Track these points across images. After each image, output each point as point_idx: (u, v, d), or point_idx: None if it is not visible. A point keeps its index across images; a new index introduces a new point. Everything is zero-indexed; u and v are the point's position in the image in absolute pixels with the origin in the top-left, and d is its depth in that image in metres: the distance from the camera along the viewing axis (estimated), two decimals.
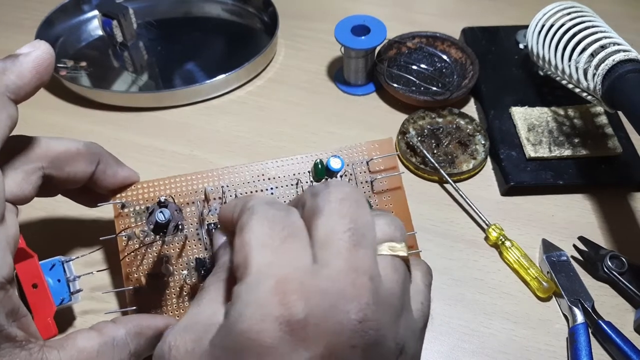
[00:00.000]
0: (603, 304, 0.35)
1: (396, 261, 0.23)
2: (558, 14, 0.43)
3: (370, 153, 0.36)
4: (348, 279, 0.21)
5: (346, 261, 0.21)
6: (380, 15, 0.48)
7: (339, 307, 0.20)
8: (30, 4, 0.58)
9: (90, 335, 0.26)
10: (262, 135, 0.46)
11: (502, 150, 0.42)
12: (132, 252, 0.34)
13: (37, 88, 0.26)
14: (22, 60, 0.26)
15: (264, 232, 0.22)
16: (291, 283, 0.21)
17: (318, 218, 0.22)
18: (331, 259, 0.21)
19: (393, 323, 0.22)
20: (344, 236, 0.22)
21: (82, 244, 0.37)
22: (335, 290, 0.21)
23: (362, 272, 0.21)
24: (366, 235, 0.22)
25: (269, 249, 0.22)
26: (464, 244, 0.39)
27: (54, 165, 0.29)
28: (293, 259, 0.22)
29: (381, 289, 0.22)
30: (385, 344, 0.21)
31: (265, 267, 0.21)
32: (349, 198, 0.23)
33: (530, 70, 0.48)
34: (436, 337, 0.34)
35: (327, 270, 0.21)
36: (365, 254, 0.22)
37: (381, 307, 0.21)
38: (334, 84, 0.50)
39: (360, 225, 0.22)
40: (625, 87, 0.35)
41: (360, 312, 0.20)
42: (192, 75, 0.51)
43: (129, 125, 0.46)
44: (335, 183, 0.24)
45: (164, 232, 0.29)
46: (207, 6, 0.58)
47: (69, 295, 0.31)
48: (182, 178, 0.35)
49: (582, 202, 0.41)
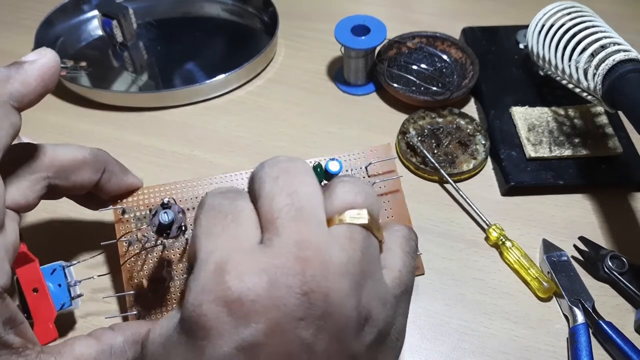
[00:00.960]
0: (603, 304, 0.35)
1: (354, 229, 0.22)
2: (558, 13, 0.43)
3: (369, 158, 0.36)
4: (289, 254, 0.21)
5: (287, 237, 0.21)
6: (380, 15, 0.48)
7: (280, 281, 0.20)
8: (30, 4, 0.58)
9: (88, 343, 0.26)
10: (262, 135, 0.46)
11: (503, 150, 0.42)
12: (132, 257, 0.34)
13: (42, 96, 0.26)
14: (27, 68, 0.25)
15: (209, 222, 0.23)
16: (228, 265, 0.21)
17: (258, 200, 0.23)
18: (272, 237, 0.22)
19: (351, 292, 0.21)
20: (281, 213, 0.22)
21: (83, 248, 0.37)
22: (275, 266, 0.21)
23: (304, 246, 0.21)
24: (305, 206, 0.22)
25: (212, 236, 0.22)
26: (464, 244, 0.39)
27: (60, 175, 0.29)
28: (234, 243, 0.22)
29: (333, 259, 0.21)
30: (342, 313, 0.21)
31: (207, 255, 0.22)
32: (282, 173, 0.23)
33: (530, 70, 0.48)
34: (436, 337, 0.34)
35: (268, 248, 0.21)
36: (307, 227, 0.21)
37: (332, 277, 0.21)
38: (334, 84, 0.50)
39: (297, 199, 0.22)
40: (625, 87, 0.35)
41: (305, 285, 0.20)
42: (192, 75, 0.51)
43: (129, 125, 0.46)
44: (269, 162, 0.24)
45: (168, 234, 0.29)
46: (207, 6, 0.58)
47: (70, 300, 0.31)
48: (182, 184, 0.35)
49: (582, 202, 0.41)
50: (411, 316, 0.35)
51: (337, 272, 0.21)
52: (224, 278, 0.21)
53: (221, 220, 0.23)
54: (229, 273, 0.21)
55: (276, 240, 0.21)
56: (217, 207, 0.23)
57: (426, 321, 0.35)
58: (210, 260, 0.21)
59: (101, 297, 0.35)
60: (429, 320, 0.35)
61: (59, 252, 0.37)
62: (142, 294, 0.33)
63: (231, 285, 0.20)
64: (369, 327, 0.22)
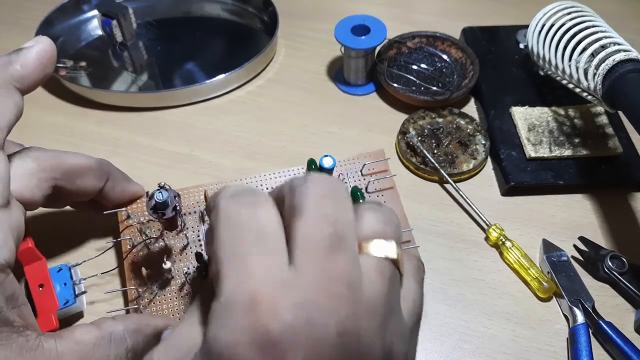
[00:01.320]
0: (603, 304, 0.35)
1: (383, 263, 0.22)
2: (558, 13, 0.43)
3: (363, 161, 0.39)
4: (326, 289, 0.20)
5: (322, 268, 0.20)
6: (380, 15, 0.48)
7: (316, 321, 0.19)
8: (30, 4, 0.58)
9: (88, 329, 0.27)
10: (262, 135, 0.46)
11: (503, 150, 0.42)
12: (134, 254, 0.35)
13: (41, 79, 0.27)
14: (26, 52, 0.27)
15: (230, 240, 0.21)
16: (265, 299, 0.20)
17: (297, 219, 0.21)
18: (308, 265, 0.20)
19: (378, 330, 0.21)
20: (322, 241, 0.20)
21: (88, 249, 0.37)
22: (311, 303, 0.20)
23: (340, 281, 0.20)
24: (346, 236, 0.21)
25: (238, 259, 0.21)
26: (464, 244, 0.39)
27: (66, 178, 0.31)
28: (264, 270, 0.20)
29: (363, 296, 0.20)
30: (371, 354, 0.20)
31: (237, 285, 0.20)
32: (329, 195, 0.21)
33: (530, 70, 0.48)
34: (436, 337, 0.34)
35: (301, 279, 0.20)
36: (344, 258, 0.20)
37: (363, 315, 0.20)
38: (334, 84, 0.50)
39: (339, 227, 0.21)
40: (625, 87, 0.35)
41: (340, 325, 0.19)
42: (192, 75, 0.51)
43: (129, 125, 0.46)
44: (313, 177, 0.22)
45: (163, 213, 0.30)
46: (207, 6, 0.58)
47: (74, 298, 0.32)
48: (184, 191, 0.37)
49: (582, 202, 0.41)
50: None
51: (368, 311, 0.20)
52: (262, 317, 0.19)
53: (244, 237, 0.21)
54: (267, 311, 0.19)
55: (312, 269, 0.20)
56: (237, 219, 0.21)
57: (426, 321, 0.35)
58: (242, 292, 0.20)
59: (105, 295, 0.35)
60: (429, 320, 0.35)
61: (65, 251, 0.37)
62: (144, 289, 0.34)
63: (271, 327, 0.19)
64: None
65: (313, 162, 0.36)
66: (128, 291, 0.34)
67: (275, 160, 0.43)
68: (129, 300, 0.34)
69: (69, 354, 0.25)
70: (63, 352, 0.25)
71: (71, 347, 0.25)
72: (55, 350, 0.25)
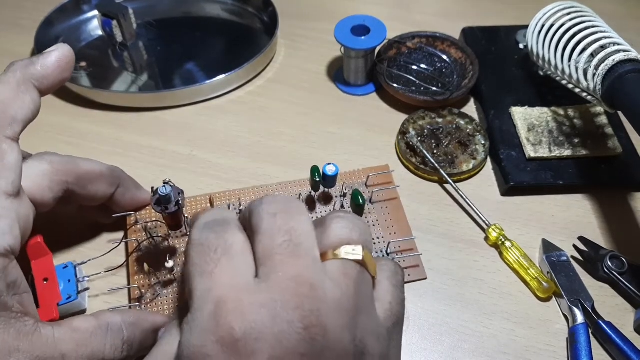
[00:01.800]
0: (603, 304, 0.35)
1: (348, 264, 0.23)
2: (558, 14, 0.43)
3: (367, 174, 0.41)
4: (288, 289, 0.21)
5: (284, 273, 0.22)
6: (380, 15, 0.48)
7: (281, 317, 0.21)
8: (30, 4, 0.58)
9: (86, 319, 0.27)
10: (262, 135, 0.46)
11: (502, 150, 0.42)
12: (139, 253, 0.36)
13: (58, 82, 0.29)
14: (47, 55, 0.29)
15: (200, 259, 0.23)
16: (228, 303, 0.21)
17: (255, 236, 0.23)
18: (270, 273, 0.22)
19: (346, 326, 0.22)
20: (279, 249, 0.22)
21: (95, 247, 0.38)
22: (275, 302, 0.21)
23: (302, 281, 0.21)
24: (303, 244, 0.23)
25: (205, 274, 0.22)
26: (464, 244, 0.39)
27: (78, 183, 0.32)
28: (230, 280, 0.22)
29: (329, 294, 0.22)
30: (341, 347, 0.21)
31: (204, 293, 0.22)
32: (281, 211, 0.24)
33: (530, 70, 0.48)
34: (436, 337, 0.34)
35: (266, 284, 0.22)
36: (304, 263, 0.22)
37: (328, 312, 0.21)
38: (334, 84, 0.50)
39: (295, 236, 0.23)
40: (625, 87, 0.35)
41: (305, 319, 0.21)
42: (192, 75, 0.51)
43: (129, 125, 0.46)
44: (267, 199, 0.24)
45: (166, 207, 0.32)
46: (207, 6, 0.58)
47: (76, 294, 0.32)
48: (191, 199, 0.39)
49: (582, 202, 0.41)
50: (411, 316, 0.35)
51: (333, 308, 0.22)
52: (227, 318, 0.21)
53: (212, 255, 0.23)
54: (231, 312, 0.21)
55: (273, 276, 0.22)
56: (206, 243, 0.23)
57: (426, 321, 0.35)
58: (209, 299, 0.22)
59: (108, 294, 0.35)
60: (429, 320, 0.35)
61: (73, 253, 0.38)
62: (147, 289, 0.35)
63: (234, 325, 0.20)
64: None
65: (316, 169, 0.37)
66: (131, 291, 0.35)
67: (275, 161, 0.43)
68: (131, 299, 0.34)
69: (66, 340, 0.26)
70: (60, 339, 0.25)
71: (68, 334, 0.26)
72: (53, 337, 0.25)
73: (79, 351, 0.26)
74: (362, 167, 0.42)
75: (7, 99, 0.27)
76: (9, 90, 0.27)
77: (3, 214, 0.26)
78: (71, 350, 0.25)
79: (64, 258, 0.37)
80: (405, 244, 0.37)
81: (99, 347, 0.27)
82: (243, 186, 0.41)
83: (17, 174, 0.27)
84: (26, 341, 0.24)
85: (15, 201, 0.27)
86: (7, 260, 0.25)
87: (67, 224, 0.38)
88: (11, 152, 0.27)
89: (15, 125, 0.27)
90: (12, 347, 0.24)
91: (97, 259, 0.35)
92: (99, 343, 0.27)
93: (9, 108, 0.27)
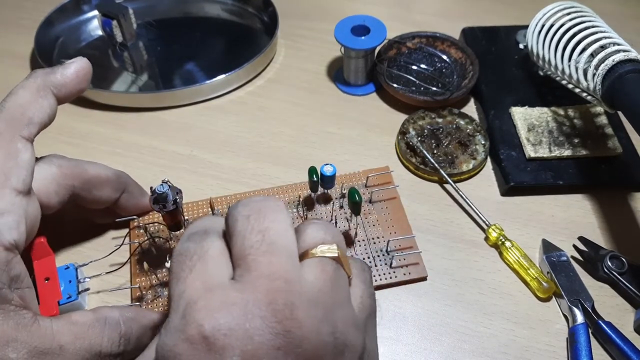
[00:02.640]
0: (603, 304, 0.35)
1: (324, 261, 0.24)
2: (558, 14, 0.43)
3: (367, 175, 0.41)
4: (260, 287, 0.21)
5: (258, 271, 0.22)
6: (380, 15, 0.48)
7: (253, 313, 0.21)
8: (30, 4, 0.58)
9: (84, 313, 0.28)
10: (262, 135, 0.46)
11: (502, 150, 0.42)
12: (140, 255, 0.36)
13: (75, 91, 0.31)
14: (67, 65, 0.30)
15: (177, 267, 0.23)
16: (198, 303, 0.21)
17: (232, 239, 0.24)
18: (243, 273, 0.22)
19: (325, 319, 0.22)
20: (252, 249, 0.22)
21: (98, 250, 0.38)
22: (248, 299, 0.21)
23: (276, 277, 0.22)
24: (276, 242, 0.23)
25: (181, 280, 0.23)
26: (464, 244, 0.39)
27: (84, 186, 0.33)
28: (203, 282, 0.22)
29: (305, 289, 0.22)
30: (319, 339, 0.21)
31: (178, 296, 0.22)
32: (254, 212, 0.24)
33: (530, 70, 0.48)
34: (436, 337, 0.34)
35: (240, 284, 0.22)
36: (278, 260, 0.22)
37: (304, 304, 0.21)
38: (334, 84, 0.50)
39: (268, 235, 0.23)
40: (625, 87, 0.35)
41: (278, 313, 0.21)
42: (192, 75, 0.51)
43: (129, 125, 0.46)
44: (242, 202, 0.25)
45: (164, 205, 0.32)
46: (207, 6, 0.58)
47: (77, 294, 0.33)
48: (192, 204, 0.39)
49: (582, 202, 0.41)
50: (411, 316, 0.35)
51: (309, 300, 0.22)
52: (195, 316, 0.21)
53: (187, 262, 0.23)
54: (200, 311, 0.21)
55: (247, 275, 0.22)
56: (184, 252, 0.24)
57: (426, 321, 0.35)
58: (181, 301, 0.22)
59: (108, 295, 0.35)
60: (429, 320, 0.35)
61: (75, 255, 0.38)
62: (146, 288, 0.35)
63: (202, 322, 0.21)
64: (350, 353, 0.22)
65: (314, 169, 0.37)
66: (132, 291, 0.35)
67: (275, 161, 0.44)
68: (132, 300, 0.35)
69: (64, 332, 0.26)
70: (58, 331, 0.26)
71: (67, 327, 0.26)
72: (51, 328, 0.26)
73: (77, 343, 0.26)
74: (362, 169, 0.42)
75: (27, 102, 0.29)
76: (29, 94, 0.29)
77: (12, 209, 0.27)
78: (69, 342, 0.26)
79: (65, 259, 0.37)
80: (404, 242, 0.37)
81: (96, 340, 0.27)
82: (243, 186, 0.41)
83: (29, 172, 0.28)
84: (25, 332, 0.25)
85: (25, 199, 0.28)
86: (11, 254, 0.26)
87: (70, 226, 0.38)
88: (25, 152, 0.28)
89: (32, 126, 0.29)
90: (10, 337, 0.24)
91: (99, 261, 0.36)
92: (97, 336, 0.27)
93: (27, 110, 0.29)
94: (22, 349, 0.24)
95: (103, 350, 0.27)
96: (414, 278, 0.36)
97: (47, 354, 0.25)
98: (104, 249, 0.37)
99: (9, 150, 0.28)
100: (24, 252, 0.29)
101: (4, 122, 0.28)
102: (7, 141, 0.28)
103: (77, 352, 0.26)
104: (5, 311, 0.25)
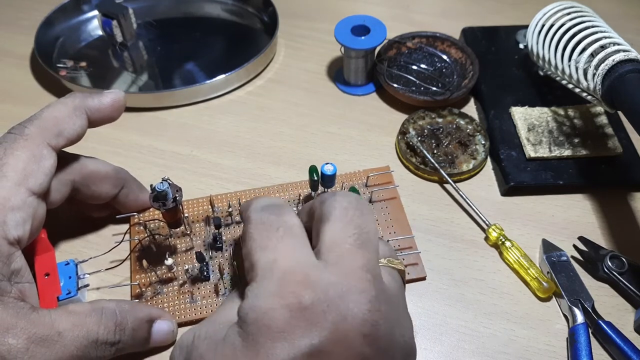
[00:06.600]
0: (603, 304, 0.35)
1: (394, 272, 0.27)
2: (558, 14, 0.43)
3: (367, 175, 0.41)
4: (355, 275, 0.23)
5: (353, 261, 0.24)
6: (380, 15, 0.48)
7: (349, 296, 0.22)
8: (30, 4, 0.58)
9: (82, 304, 0.29)
10: (262, 135, 0.46)
11: (502, 150, 0.42)
12: (139, 252, 0.36)
13: (107, 117, 0.32)
14: (105, 94, 0.32)
15: (261, 236, 0.25)
16: (296, 274, 0.23)
17: (325, 224, 0.25)
18: (338, 259, 0.24)
19: (397, 320, 0.24)
20: (350, 239, 0.24)
21: (98, 246, 0.38)
22: (343, 283, 0.23)
23: (368, 271, 0.23)
24: (371, 240, 0.25)
25: (269, 249, 0.24)
26: (464, 244, 0.39)
27: (83, 182, 0.33)
28: (295, 254, 0.24)
29: (389, 289, 0.24)
30: (395, 337, 0.23)
31: (270, 264, 0.24)
32: (353, 207, 0.26)
33: (530, 70, 0.48)
34: (436, 337, 0.34)
35: (333, 267, 0.23)
36: (370, 256, 0.24)
37: (387, 304, 0.23)
38: (334, 84, 0.50)
39: (364, 231, 0.25)
40: (625, 87, 0.35)
41: (370, 302, 0.22)
42: (192, 75, 0.51)
43: (129, 125, 0.46)
44: (341, 193, 0.27)
45: (164, 203, 0.32)
46: (207, 6, 0.58)
47: (76, 290, 0.33)
48: (193, 201, 0.39)
49: (582, 202, 0.41)
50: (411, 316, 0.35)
51: (390, 300, 0.24)
52: (295, 287, 0.22)
53: (273, 233, 0.25)
54: (301, 282, 0.23)
55: (342, 261, 0.24)
56: (267, 222, 0.25)
57: (426, 321, 0.35)
58: (275, 269, 0.23)
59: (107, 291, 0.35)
60: (429, 320, 0.35)
61: (75, 251, 0.38)
62: (146, 287, 0.35)
63: (304, 294, 0.22)
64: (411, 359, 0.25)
65: (314, 169, 0.36)
66: (132, 288, 0.35)
67: (275, 161, 0.44)
68: (132, 296, 0.35)
69: (62, 320, 0.27)
70: (56, 319, 0.27)
71: (65, 316, 0.27)
72: (50, 317, 0.27)
73: (75, 330, 0.27)
74: (363, 168, 0.42)
75: (62, 115, 0.31)
76: (65, 110, 0.31)
77: (23, 207, 0.28)
78: (67, 329, 0.27)
79: (65, 255, 0.37)
80: (404, 242, 0.37)
81: (93, 328, 0.28)
82: (243, 186, 0.41)
83: (48, 179, 0.30)
84: (24, 319, 0.26)
85: (36, 201, 0.29)
86: (13, 248, 0.27)
87: (70, 222, 0.38)
88: (49, 158, 0.30)
89: (61, 138, 0.30)
90: (10, 324, 0.25)
91: (99, 257, 0.36)
92: (94, 324, 0.28)
93: (60, 123, 0.30)
94: (22, 335, 0.25)
95: (100, 338, 0.28)
96: (414, 278, 0.36)
97: (46, 340, 0.26)
98: (104, 246, 0.37)
99: (34, 153, 0.29)
100: (25, 248, 0.29)
101: (37, 128, 0.30)
102: (35, 145, 0.29)
103: (75, 339, 0.27)
104: (4, 302, 0.26)
